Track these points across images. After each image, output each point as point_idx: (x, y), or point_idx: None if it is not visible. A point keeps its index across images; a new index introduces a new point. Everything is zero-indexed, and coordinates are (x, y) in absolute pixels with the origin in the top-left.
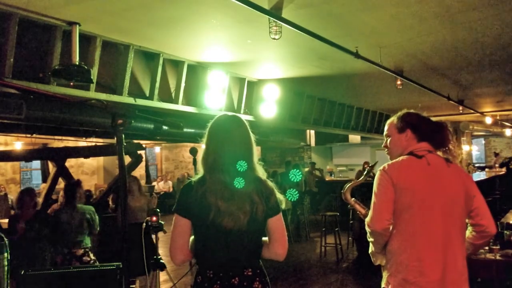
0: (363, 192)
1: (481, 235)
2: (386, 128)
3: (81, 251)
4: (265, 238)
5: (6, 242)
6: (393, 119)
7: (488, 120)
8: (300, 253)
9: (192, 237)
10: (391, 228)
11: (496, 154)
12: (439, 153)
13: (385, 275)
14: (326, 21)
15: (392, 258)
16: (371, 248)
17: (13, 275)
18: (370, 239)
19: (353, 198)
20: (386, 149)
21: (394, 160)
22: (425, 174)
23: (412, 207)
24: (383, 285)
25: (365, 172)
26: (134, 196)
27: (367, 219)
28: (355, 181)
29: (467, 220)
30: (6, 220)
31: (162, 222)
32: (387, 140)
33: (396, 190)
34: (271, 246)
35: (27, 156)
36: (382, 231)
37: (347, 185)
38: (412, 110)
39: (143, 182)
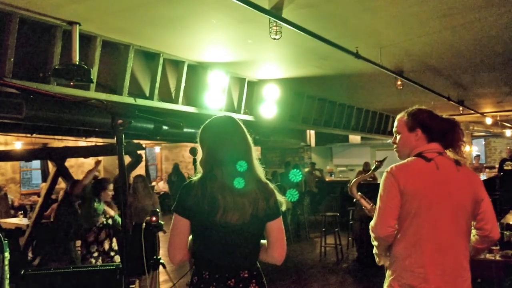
0: (363, 192)
1: (484, 240)
2: (395, 124)
3: None
4: (263, 241)
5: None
6: (403, 115)
7: (488, 120)
8: (300, 254)
9: (191, 236)
10: (395, 232)
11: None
12: (449, 153)
13: (388, 277)
14: (326, 21)
15: (396, 262)
16: (375, 249)
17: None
18: (374, 243)
19: (359, 193)
20: (394, 145)
21: (401, 162)
22: (433, 179)
23: (419, 213)
24: (385, 287)
25: (374, 166)
26: (138, 196)
27: (371, 224)
28: (362, 175)
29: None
30: (6, 220)
31: (162, 222)
32: (396, 136)
33: (403, 195)
34: (269, 249)
35: (27, 156)
36: (385, 237)
37: (354, 179)
38: (423, 107)
39: None
